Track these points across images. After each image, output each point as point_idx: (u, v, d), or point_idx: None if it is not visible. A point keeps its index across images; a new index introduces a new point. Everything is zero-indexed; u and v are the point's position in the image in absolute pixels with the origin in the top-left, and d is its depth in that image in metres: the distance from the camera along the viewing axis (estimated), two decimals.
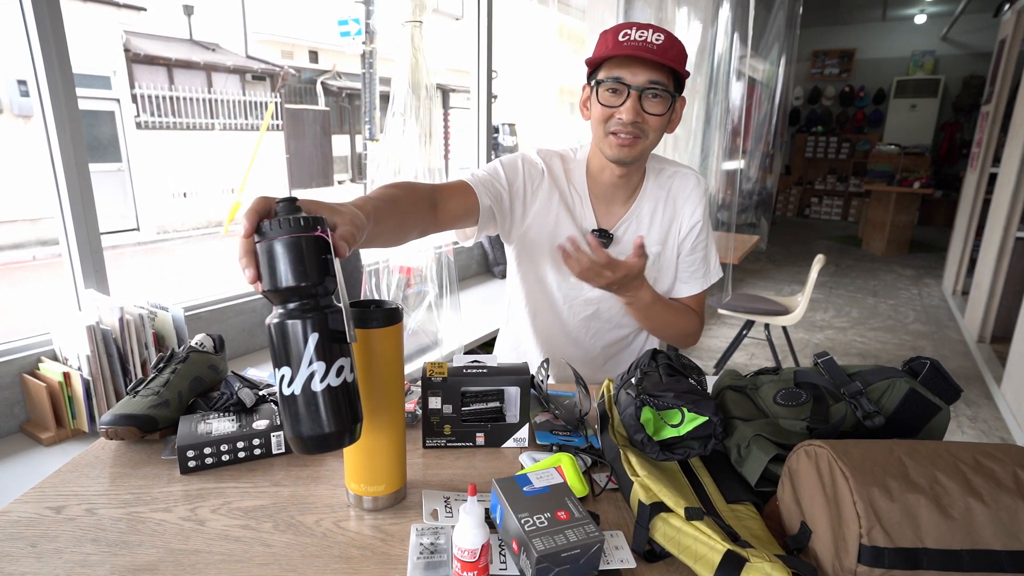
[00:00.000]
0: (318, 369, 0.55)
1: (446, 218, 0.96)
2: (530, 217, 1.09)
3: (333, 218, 0.60)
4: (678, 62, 0.95)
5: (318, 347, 0.55)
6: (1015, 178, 3.46)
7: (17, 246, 7.07)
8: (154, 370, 0.94)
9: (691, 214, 1.12)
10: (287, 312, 0.56)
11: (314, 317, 0.55)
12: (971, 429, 2.75)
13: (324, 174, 10.78)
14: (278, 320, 0.56)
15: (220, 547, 0.65)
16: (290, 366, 0.55)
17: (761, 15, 4.85)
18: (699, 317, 1.17)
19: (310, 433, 0.56)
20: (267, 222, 0.55)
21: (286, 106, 10.54)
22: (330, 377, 0.56)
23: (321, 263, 0.55)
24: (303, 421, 0.56)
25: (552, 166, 1.10)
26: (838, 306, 4.68)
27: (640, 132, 0.98)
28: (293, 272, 0.54)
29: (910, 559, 0.53)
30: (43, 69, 1.46)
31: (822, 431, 0.75)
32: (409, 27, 2.09)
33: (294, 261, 0.54)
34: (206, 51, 10.04)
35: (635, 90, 0.95)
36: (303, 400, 0.56)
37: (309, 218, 0.55)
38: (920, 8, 7.66)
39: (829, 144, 9.03)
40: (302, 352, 0.55)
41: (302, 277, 0.55)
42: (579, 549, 0.57)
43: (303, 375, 0.55)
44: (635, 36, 0.94)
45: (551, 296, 1.15)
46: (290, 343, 0.55)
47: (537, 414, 0.94)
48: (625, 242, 1.11)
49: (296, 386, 0.55)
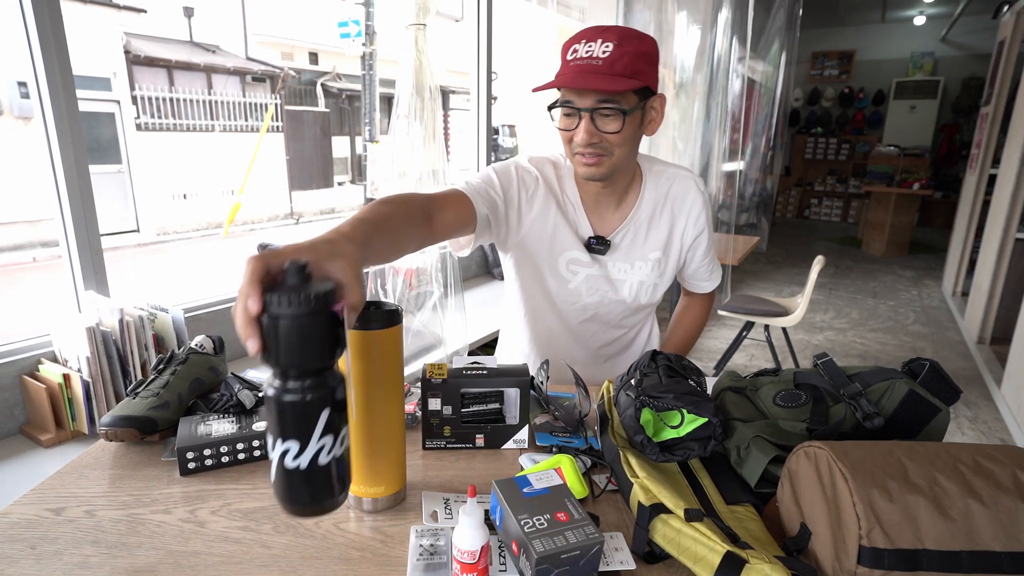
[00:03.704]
0: (327, 443, 0.54)
1: (442, 230, 0.92)
2: (526, 225, 1.07)
3: (338, 275, 0.55)
4: (630, 71, 0.89)
5: (328, 422, 0.54)
6: (1015, 179, 3.47)
7: (17, 247, 7.07)
8: (154, 372, 0.94)
9: (695, 222, 1.10)
10: (295, 389, 0.53)
11: (325, 393, 0.53)
12: (971, 430, 2.75)
13: (324, 175, 10.79)
14: (285, 395, 0.52)
15: (220, 549, 0.65)
16: (298, 440, 0.53)
17: (760, 16, 4.85)
18: (712, 301, 1.27)
19: (315, 503, 0.55)
20: (275, 297, 0.50)
21: (286, 108, 10.55)
22: (335, 448, 0.55)
23: (334, 339, 0.53)
24: (309, 492, 0.55)
25: (546, 173, 1.08)
26: (838, 307, 4.68)
27: (602, 151, 0.94)
28: (306, 353, 0.52)
29: (910, 560, 0.53)
30: (43, 71, 1.46)
31: (822, 432, 0.75)
32: (413, 30, 2.10)
33: (308, 341, 0.51)
34: (206, 53, 10.06)
35: (586, 112, 0.91)
36: (309, 473, 0.54)
37: (322, 294, 0.51)
38: (919, 10, 7.67)
39: (829, 145, 9.03)
40: (312, 429, 0.53)
41: (317, 359, 0.53)
42: (579, 550, 0.57)
43: (312, 450, 0.53)
44: (582, 52, 0.90)
45: (550, 301, 1.14)
46: (299, 419, 0.53)
47: (537, 415, 0.94)
48: (622, 250, 1.09)
49: (303, 460, 0.53)
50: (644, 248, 1.10)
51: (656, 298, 1.15)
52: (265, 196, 9.73)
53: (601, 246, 1.07)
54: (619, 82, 0.88)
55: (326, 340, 0.52)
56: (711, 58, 4.49)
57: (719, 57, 4.50)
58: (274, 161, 10.04)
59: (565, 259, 1.09)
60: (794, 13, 5.62)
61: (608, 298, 1.12)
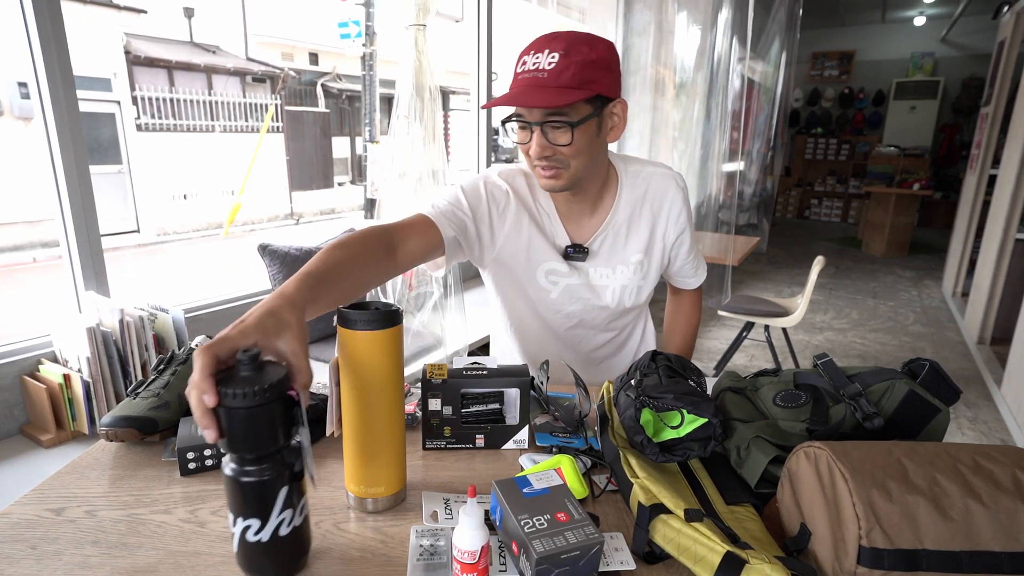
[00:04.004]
0: (287, 516, 0.57)
1: (407, 260, 0.91)
2: (500, 240, 1.05)
3: (286, 352, 0.57)
4: (578, 81, 0.85)
5: (287, 498, 0.56)
6: (1015, 179, 3.47)
7: (17, 248, 7.07)
8: (154, 372, 0.94)
9: (676, 220, 1.07)
10: (253, 472, 0.55)
11: (282, 471, 0.56)
12: (971, 431, 2.74)
13: (324, 176, 10.80)
14: (243, 477, 0.55)
15: (220, 549, 0.65)
16: (258, 518, 0.56)
17: (760, 16, 4.85)
18: (701, 299, 1.27)
19: (280, 571, 0.59)
20: (229, 392, 0.52)
21: (286, 108, 10.56)
22: (295, 519, 0.58)
23: (289, 421, 0.56)
24: (272, 563, 0.58)
25: (517, 185, 1.05)
26: (838, 308, 4.68)
27: (558, 164, 0.91)
28: (263, 438, 0.54)
29: (909, 560, 0.53)
30: (44, 71, 1.46)
31: (821, 433, 0.75)
32: (413, 30, 2.10)
33: (263, 428, 0.54)
34: (206, 53, 10.06)
35: (536, 125, 0.89)
36: (271, 546, 0.57)
37: (275, 383, 0.53)
38: (919, 10, 7.67)
39: (829, 146, 9.03)
40: (271, 507, 0.56)
41: (272, 442, 0.55)
42: (579, 551, 0.57)
43: (272, 525, 0.56)
44: (530, 63, 0.87)
45: (534, 312, 1.13)
46: (259, 499, 0.56)
47: (537, 416, 0.94)
48: (601, 255, 1.07)
49: (264, 535, 0.56)
50: (625, 252, 1.08)
51: (642, 300, 1.13)
52: (265, 197, 9.73)
53: (579, 254, 1.05)
54: (564, 95, 0.85)
55: (280, 424, 0.55)
56: (711, 58, 4.50)
57: (719, 57, 4.51)
58: (274, 162, 10.05)
59: (543, 270, 1.07)
60: (794, 13, 5.62)
61: (591, 305, 1.11)
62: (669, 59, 4.17)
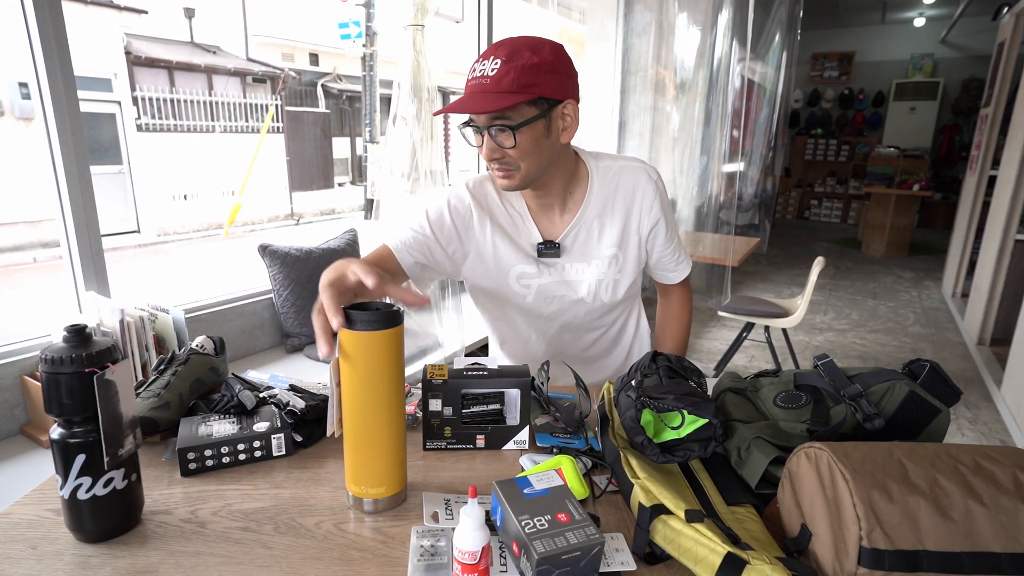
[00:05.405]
0: (85, 483, 0.65)
1: (375, 293, 0.91)
2: (472, 254, 1.07)
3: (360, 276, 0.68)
4: (518, 86, 0.87)
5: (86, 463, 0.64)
6: (1014, 180, 3.47)
7: (18, 248, 7.08)
8: (155, 372, 0.94)
9: (649, 211, 1.07)
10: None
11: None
12: (971, 431, 2.75)
13: (324, 176, 10.80)
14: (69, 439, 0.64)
15: (220, 549, 0.65)
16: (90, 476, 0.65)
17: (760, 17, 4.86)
18: (690, 297, 1.25)
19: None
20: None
21: (286, 108, 10.56)
22: (96, 488, 0.65)
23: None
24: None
25: (483, 193, 1.07)
26: (838, 308, 4.68)
27: (509, 165, 0.94)
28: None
29: (910, 561, 0.53)
30: (44, 72, 1.46)
31: (822, 433, 0.75)
32: (411, 31, 2.10)
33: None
34: (207, 54, 10.07)
35: (484, 130, 0.92)
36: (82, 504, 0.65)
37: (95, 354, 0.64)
38: (919, 11, 7.67)
39: (829, 146, 9.03)
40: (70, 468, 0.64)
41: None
42: (579, 551, 0.57)
43: (70, 486, 0.65)
44: (477, 70, 0.90)
45: (517, 319, 1.15)
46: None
47: (537, 416, 0.94)
48: (575, 251, 1.08)
49: (65, 492, 0.65)
50: (600, 246, 1.08)
51: (620, 296, 1.12)
52: (265, 197, 9.74)
53: (551, 250, 1.06)
54: (502, 99, 0.87)
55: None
56: (711, 59, 4.50)
57: (719, 58, 4.51)
58: (274, 162, 10.05)
59: (514, 275, 1.08)
60: (794, 14, 5.62)
61: (568, 301, 1.11)
62: (669, 59, 4.18)
